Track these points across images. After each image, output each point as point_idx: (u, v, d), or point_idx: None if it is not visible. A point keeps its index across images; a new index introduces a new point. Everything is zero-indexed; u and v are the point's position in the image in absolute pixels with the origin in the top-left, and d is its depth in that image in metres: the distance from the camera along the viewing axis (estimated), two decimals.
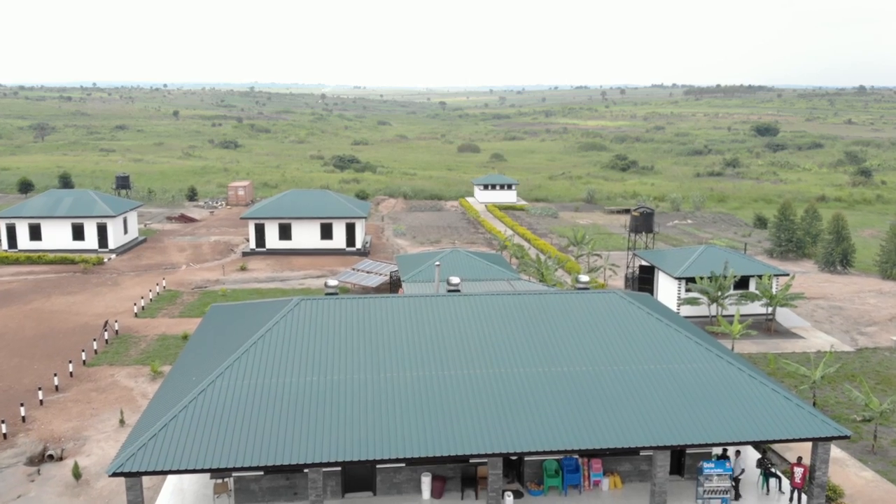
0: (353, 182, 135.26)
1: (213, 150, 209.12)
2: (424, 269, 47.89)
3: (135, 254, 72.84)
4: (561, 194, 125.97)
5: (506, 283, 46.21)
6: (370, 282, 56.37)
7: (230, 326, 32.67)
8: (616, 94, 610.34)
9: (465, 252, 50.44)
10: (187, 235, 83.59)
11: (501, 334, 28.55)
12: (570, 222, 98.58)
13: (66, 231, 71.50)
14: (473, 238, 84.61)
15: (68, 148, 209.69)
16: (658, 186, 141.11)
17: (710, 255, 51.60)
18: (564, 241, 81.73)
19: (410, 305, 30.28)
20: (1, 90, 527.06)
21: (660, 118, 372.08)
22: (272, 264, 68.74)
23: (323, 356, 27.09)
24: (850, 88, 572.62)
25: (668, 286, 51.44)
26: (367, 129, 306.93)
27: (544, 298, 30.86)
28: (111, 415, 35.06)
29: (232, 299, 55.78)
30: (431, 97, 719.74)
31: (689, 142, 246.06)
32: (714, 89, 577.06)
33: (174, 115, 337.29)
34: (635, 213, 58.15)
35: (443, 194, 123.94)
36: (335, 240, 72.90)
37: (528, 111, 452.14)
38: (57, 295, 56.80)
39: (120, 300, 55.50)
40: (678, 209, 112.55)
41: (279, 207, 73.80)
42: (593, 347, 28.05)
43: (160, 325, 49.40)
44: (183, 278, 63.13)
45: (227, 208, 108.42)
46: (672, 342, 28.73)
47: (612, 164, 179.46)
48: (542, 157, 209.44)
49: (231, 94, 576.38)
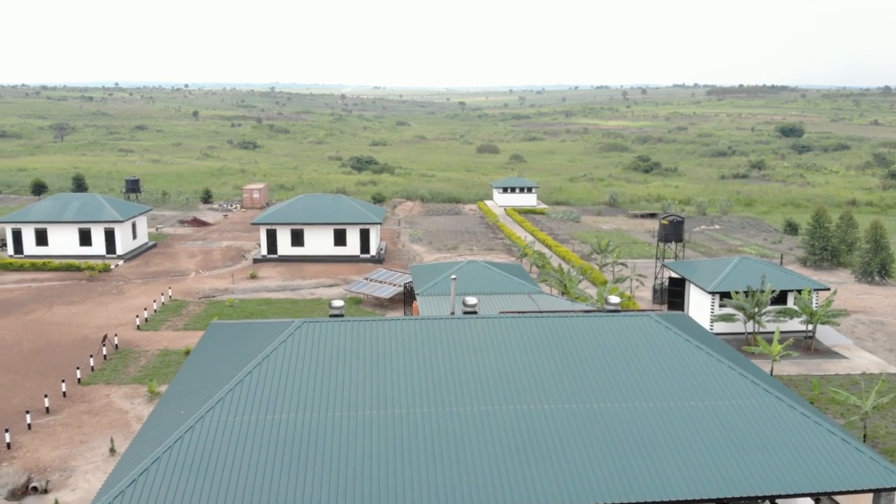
0: (369, 184, 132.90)
1: (232, 150, 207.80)
2: (440, 281, 45.18)
3: (143, 260, 70.73)
4: (582, 197, 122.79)
5: (527, 297, 43.39)
6: (383, 293, 53.74)
7: (228, 348, 30.15)
8: (637, 94, 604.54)
9: (482, 263, 47.67)
10: (199, 240, 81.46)
11: (523, 364, 25.75)
12: (592, 227, 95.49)
13: (73, 236, 69.53)
14: (492, 244, 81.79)
15: (87, 148, 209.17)
16: (682, 189, 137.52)
17: (746, 267, 48.46)
18: (587, 248, 78.66)
19: (422, 330, 27.57)
20: (24, 90, 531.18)
21: (682, 118, 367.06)
22: (283, 272, 66.32)
23: (323, 389, 24.44)
24: (875, 88, 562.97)
25: (701, 301, 48.35)
26: (386, 130, 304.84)
27: (571, 322, 28.02)
28: (102, 442, 32.63)
29: (239, 310, 53.40)
30: (451, 97, 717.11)
31: (712, 143, 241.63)
32: (737, 89, 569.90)
33: (194, 116, 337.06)
34: (664, 222, 55.06)
35: (461, 197, 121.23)
36: (349, 246, 70.37)
37: (548, 111, 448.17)
38: (59, 305, 54.68)
39: (123, 311, 53.25)
40: (704, 213, 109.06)
41: (291, 213, 71.41)
42: (626, 380, 25.18)
43: (163, 339, 47.04)
44: (191, 287, 60.86)
45: (242, 211, 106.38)
46: (714, 374, 25.80)
47: (635, 165, 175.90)
48: (563, 158, 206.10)
49: (251, 95, 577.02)
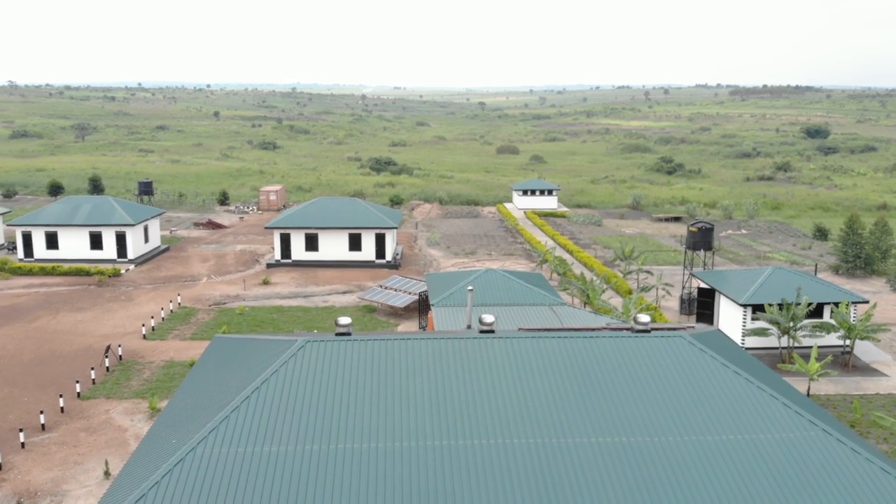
0: (387, 186, 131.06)
1: (252, 151, 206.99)
2: (456, 291, 43.10)
3: (155, 264, 69.25)
4: (604, 200, 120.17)
5: (548, 309, 41.20)
6: (398, 301, 51.73)
7: (228, 366, 28.27)
8: (659, 94, 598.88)
9: (501, 272, 45.53)
10: (213, 244, 79.95)
11: (545, 391, 23.58)
12: (615, 231, 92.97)
13: (84, 240, 68.18)
14: (511, 249, 79.59)
15: (107, 148, 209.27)
16: (707, 192, 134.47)
17: (779, 278, 45.94)
18: (610, 254, 76.22)
19: (434, 351, 25.48)
20: (48, 90, 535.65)
21: (705, 119, 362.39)
22: (297, 277, 64.54)
23: (325, 418, 22.43)
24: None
25: (732, 313, 45.90)
26: (406, 131, 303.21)
27: (597, 344, 25.80)
28: (97, 463, 30.89)
29: (249, 319, 51.63)
30: (471, 97, 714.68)
31: (736, 144, 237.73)
32: (760, 89, 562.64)
33: (215, 116, 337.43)
34: (692, 229, 52.56)
35: (480, 199, 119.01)
36: (364, 251, 68.46)
37: (568, 111, 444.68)
38: (65, 311, 53.20)
39: (130, 318, 51.67)
40: (730, 217, 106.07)
41: (306, 216, 69.60)
42: (659, 410, 22.93)
43: (169, 350, 45.34)
44: (201, 293, 59.21)
45: (258, 213, 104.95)
46: (755, 403, 23.50)
47: (658, 166, 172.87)
48: (584, 158, 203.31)
49: (273, 95, 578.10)
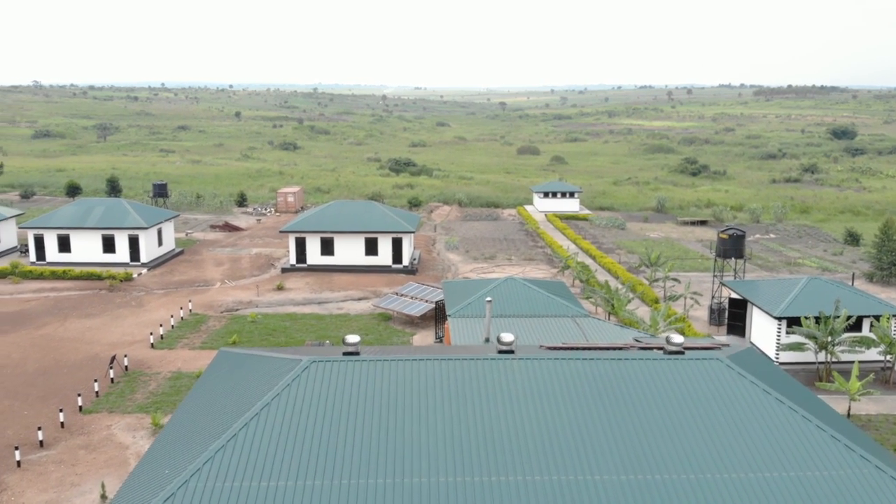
0: (406, 187, 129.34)
1: (272, 151, 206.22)
2: (474, 301, 41.18)
3: (168, 268, 67.96)
4: (628, 202, 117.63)
5: (571, 321, 39.18)
6: (414, 310, 49.85)
7: (231, 385, 26.58)
8: (682, 94, 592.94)
9: (521, 281, 43.55)
10: (228, 247, 78.60)
11: (569, 421, 21.60)
12: (639, 235, 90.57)
13: (97, 243, 67.02)
14: (532, 253, 77.50)
15: (128, 148, 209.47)
16: (733, 194, 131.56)
17: (815, 289, 43.58)
18: (634, 259, 73.93)
19: (449, 374, 23.59)
20: (72, 90, 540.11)
21: (729, 119, 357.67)
22: (312, 283, 62.90)
23: (329, 448, 20.60)
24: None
25: (766, 326, 43.59)
26: (426, 131, 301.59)
27: (626, 367, 23.77)
28: (94, 485, 29.29)
29: (261, 327, 50.01)
30: (491, 97, 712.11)
31: (761, 145, 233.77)
32: (785, 90, 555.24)
33: (236, 116, 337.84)
34: (723, 236, 50.23)
35: (500, 201, 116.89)
36: (380, 256, 66.72)
37: (590, 111, 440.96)
38: (73, 318, 51.90)
39: (139, 325, 50.25)
40: (758, 221, 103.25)
41: (322, 220, 67.98)
42: (694, 444, 20.88)
43: (177, 360, 43.81)
44: (213, 299, 57.75)
45: (276, 215, 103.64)
46: (801, 435, 21.39)
47: (682, 168, 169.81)
48: (606, 159, 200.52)
49: (294, 96, 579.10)
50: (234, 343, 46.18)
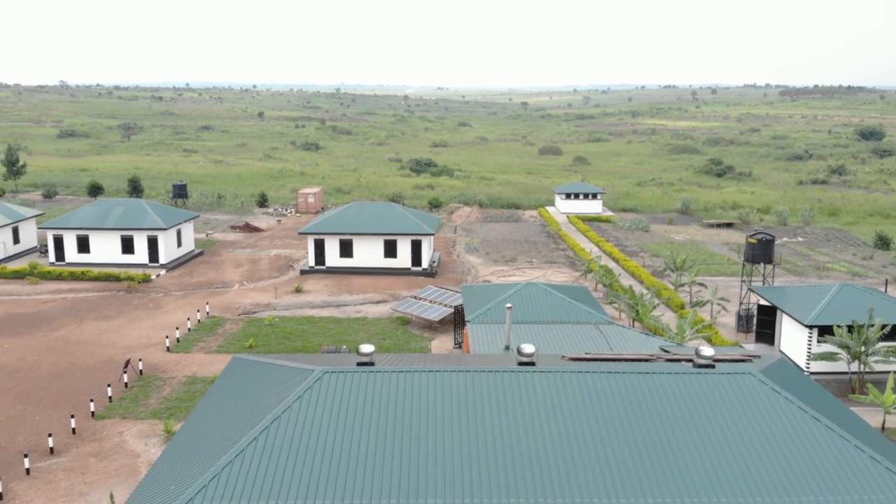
0: (427, 188, 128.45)
1: (295, 151, 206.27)
2: (493, 307, 40.15)
3: (187, 269, 67.56)
4: (652, 204, 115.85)
5: (594, 328, 38.03)
6: (433, 314, 48.91)
7: (243, 394, 25.81)
8: (707, 94, 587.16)
9: (542, 286, 42.44)
10: (248, 248, 78.14)
11: (592, 439, 20.52)
12: (663, 237, 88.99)
13: (116, 244, 66.76)
14: (553, 256, 76.28)
15: (152, 148, 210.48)
16: (759, 196, 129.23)
17: (848, 296, 42.06)
18: (659, 263, 72.47)
19: (467, 386, 22.60)
20: (97, 90, 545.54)
21: (754, 120, 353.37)
22: (330, 285, 62.17)
23: (340, 467, 19.68)
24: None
25: (796, 334, 42.14)
26: (447, 131, 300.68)
27: (653, 381, 22.64)
28: (103, 495, 28.64)
29: (278, 330, 49.31)
30: (513, 97, 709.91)
31: (787, 146, 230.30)
32: (811, 90, 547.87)
33: (259, 116, 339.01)
34: (752, 240, 48.76)
35: (521, 203, 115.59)
36: (400, 258, 65.84)
37: (613, 111, 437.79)
38: (90, 320, 51.51)
39: (156, 328, 49.75)
40: (785, 224, 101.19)
41: (340, 222, 67.25)
42: (728, 465, 19.69)
43: (192, 364, 43.20)
44: (231, 301, 57.18)
45: (297, 216, 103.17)
46: (839, 456, 20.16)
47: (706, 168, 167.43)
48: (629, 160, 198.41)
49: (317, 96, 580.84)
50: (250, 347, 45.54)
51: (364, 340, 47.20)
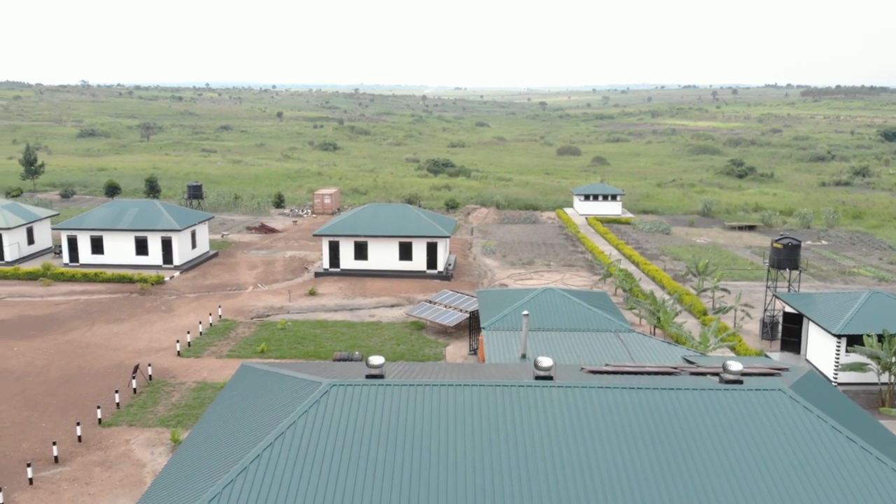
0: (444, 189, 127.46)
1: (313, 152, 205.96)
2: (509, 313, 39.02)
3: (201, 271, 66.96)
4: (672, 206, 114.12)
5: (614, 336, 36.82)
6: (448, 319, 47.84)
7: (248, 407, 24.91)
8: (727, 94, 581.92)
9: (560, 292, 41.26)
10: (263, 249, 77.50)
11: (615, 460, 19.37)
12: (684, 240, 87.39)
13: (130, 245, 66.31)
14: (571, 259, 75.00)
15: (171, 148, 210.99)
16: (781, 198, 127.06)
17: (878, 304, 40.55)
18: (680, 267, 70.99)
19: (481, 401, 21.52)
20: (118, 90, 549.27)
21: (776, 120, 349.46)
22: (344, 288, 61.30)
23: (347, 487, 18.68)
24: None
25: (823, 343, 40.70)
26: (465, 131, 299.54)
27: (678, 398, 21.44)
28: None
29: (291, 335, 48.45)
30: (532, 97, 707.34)
31: (809, 146, 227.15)
32: (833, 90, 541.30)
33: (278, 117, 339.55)
34: (777, 245, 47.27)
35: (539, 204, 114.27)
36: (415, 261, 64.86)
37: (632, 111, 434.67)
38: (102, 323, 50.92)
39: (167, 331, 49.07)
40: (809, 227, 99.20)
41: (356, 224, 66.37)
42: (756, 487, 18.43)
43: (203, 368, 42.44)
44: (245, 304, 56.44)
45: (313, 217, 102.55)
46: (875, 481, 18.89)
47: (728, 170, 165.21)
48: (649, 160, 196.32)
49: (336, 96, 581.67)
50: (262, 352, 44.72)
51: (378, 345, 46.26)
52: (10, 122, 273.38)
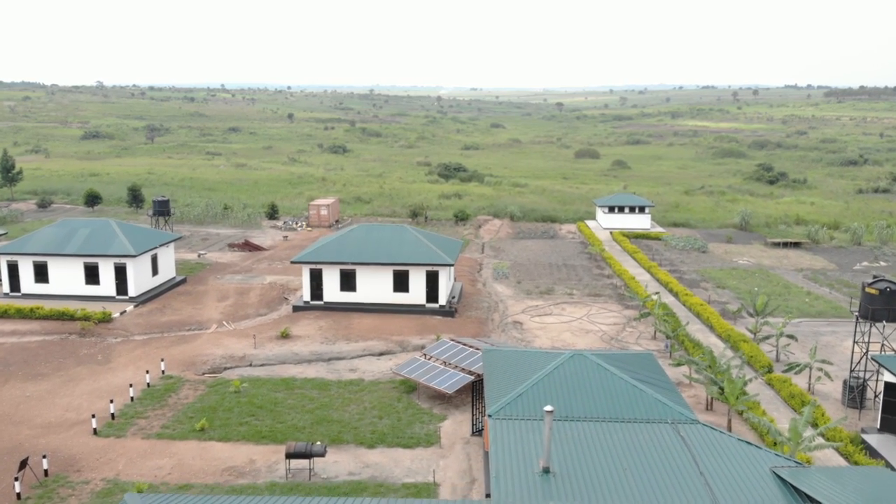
0: (453, 197, 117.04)
1: (321, 154, 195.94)
2: (525, 392, 28.75)
3: (161, 303, 56.90)
4: (705, 217, 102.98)
5: (671, 429, 26.44)
6: (445, 383, 37.33)
7: None
8: (748, 95, 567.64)
9: (593, 359, 30.85)
10: (240, 273, 67.43)
11: None
12: (725, 260, 76.48)
13: (79, 272, 56.36)
14: (597, 286, 64.45)
15: (174, 150, 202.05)
16: (820, 207, 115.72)
17: None
18: (726, 297, 60.29)
19: None
20: (131, 90, 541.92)
21: (800, 121, 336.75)
22: (325, 328, 51.00)
23: None
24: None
25: None
26: (480, 133, 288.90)
27: None
28: None
29: (245, 402, 38.15)
30: (548, 98, 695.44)
31: (838, 149, 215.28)
32: (857, 91, 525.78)
33: (289, 118, 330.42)
34: (872, 290, 36.47)
35: (557, 215, 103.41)
36: (412, 293, 54.46)
37: (651, 112, 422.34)
38: (17, 380, 40.90)
39: (92, 395, 38.98)
40: (859, 243, 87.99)
41: (342, 248, 56.02)
42: None
43: (119, 457, 32.28)
44: (200, 351, 46.31)
45: (307, 230, 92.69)
46: None
47: (757, 175, 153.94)
48: (671, 164, 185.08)
49: (350, 97, 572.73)
50: (201, 430, 34.59)
51: (355, 419, 36.03)
52: (14, 123, 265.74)
